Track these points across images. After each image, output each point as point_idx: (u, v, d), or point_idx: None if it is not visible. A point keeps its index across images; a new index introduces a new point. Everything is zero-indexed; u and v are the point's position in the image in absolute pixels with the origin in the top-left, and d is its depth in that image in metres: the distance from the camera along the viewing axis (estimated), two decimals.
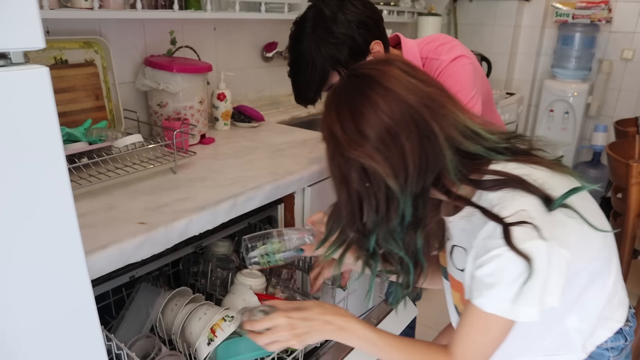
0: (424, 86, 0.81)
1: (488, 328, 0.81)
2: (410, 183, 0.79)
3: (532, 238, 0.73)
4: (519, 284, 0.74)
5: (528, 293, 0.74)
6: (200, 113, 1.63)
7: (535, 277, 0.73)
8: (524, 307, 0.76)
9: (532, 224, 0.74)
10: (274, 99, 2.19)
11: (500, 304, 0.77)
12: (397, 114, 0.78)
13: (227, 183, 1.25)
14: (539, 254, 0.73)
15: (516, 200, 0.76)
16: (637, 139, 1.97)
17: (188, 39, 1.79)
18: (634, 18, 3.50)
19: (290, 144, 1.64)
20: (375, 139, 0.79)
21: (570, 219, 0.79)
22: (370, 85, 0.80)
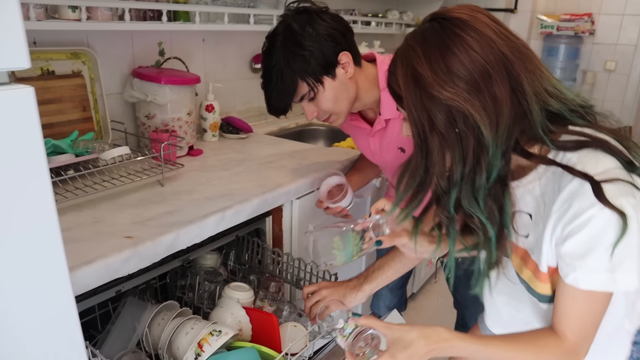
0: (514, 38, 0.77)
1: (591, 303, 0.77)
2: (502, 134, 0.74)
3: (628, 194, 0.69)
4: (619, 249, 0.69)
5: (626, 257, 0.70)
6: (188, 125, 1.62)
7: (633, 238, 0.69)
8: (623, 274, 0.71)
9: (625, 180, 0.70)
10: (262, 110, 2.18)
11: (598, 277, 0.73)
12: (491, 58, 0.73)
13: (215, 196, 1.25)
14: (637, 212, 0.69)
15: (600, 160, 0.73)
16: None
17: (176, 50, 1.79)
18: (615, 30, 3.57)
19: (278, 156, 1.64)
20: (468, 81, 0.73)
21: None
22: (462, 27, 0.75)
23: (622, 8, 3.52)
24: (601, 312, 0.79)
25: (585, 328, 0.81)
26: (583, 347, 0.82)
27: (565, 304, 0.80)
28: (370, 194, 1.77)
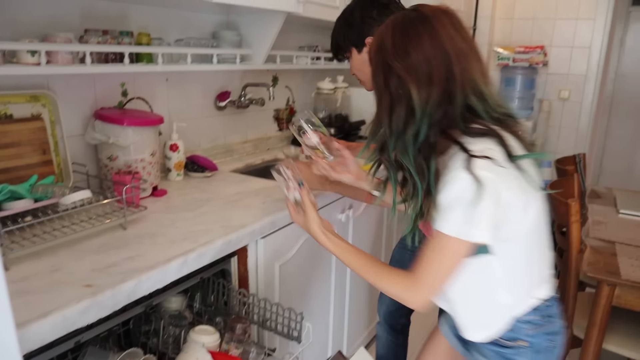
0: (462, 42, 0.97)
1: (445, 248, 0.95)
2: (429, 107, 0.95)
3: (489, 170, 0.89)
4: (473, 207, 0.89)
5: (480, 216, 0.90)
6: (152, 165, 1.62)
7: (485, 203, 0.88)
8: (475, 229, 0.91)
9: (492, 159, 0.90)
10: (227, 147, 2.20)
11: (457, 226, 0.92)
12: (436, 54, 0.95)
13: (178, 239, 1.24)
14: (489, 184, 0.89)
15: (487, 144, 0.93)
16: (575, 177, 2.09)
17: (140, 90, 1.79)
18: (566, 61, 3.76)
19: (243, 194, 1.64)
20: (414, 62, 0.95)
21: (519, 175, 0.94)
22: (423, 22, 0.97)
23: (571, 41, 3.72)
24: (452, 260, 0.96)
25: (433, 270, 0.98)
26: (426, 286, 0.99)
27: (427, 249, 0.99)
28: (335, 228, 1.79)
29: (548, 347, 1.08)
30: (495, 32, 3.95)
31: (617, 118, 4.86)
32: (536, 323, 1.07)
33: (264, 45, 2.00)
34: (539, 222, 1.03)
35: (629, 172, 4.85)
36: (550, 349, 1.09)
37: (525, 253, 1.04)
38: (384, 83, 1.00)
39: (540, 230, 1.05)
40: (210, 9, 1.93)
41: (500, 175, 0.90)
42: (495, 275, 1.04)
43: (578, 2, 3.64)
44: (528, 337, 1.07)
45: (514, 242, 1.01)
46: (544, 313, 1.08)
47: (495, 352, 1.10)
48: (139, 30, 1.72)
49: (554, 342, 1.09)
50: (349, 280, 2.00)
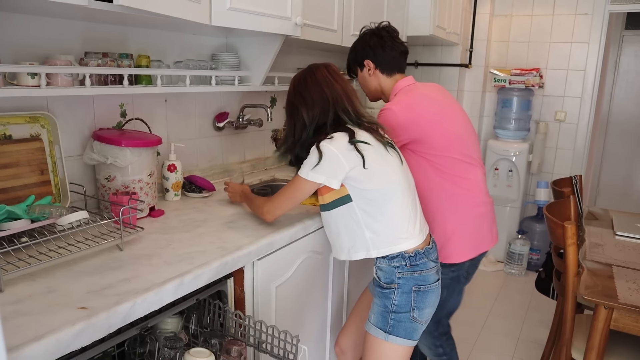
0: (335, 82, 1.51)
1: (295, 186, 1.46)
2: (313, 120, 1.48)
3: (326, 144, 1.40)
4: (317, 164, 1.40)
5: (319, 169, 1.40)
6: (149, 186, 1.62)
7: (322, 163, 1.39)
8: (317, 174, 1.40)
9: (332, 138, 1.41)
10: (225, 167, 2.21)
11: (306, 171, 1.42)
12: (316, 94, 1.49)
13: (175, 260, 1.24)
14: (326, 152, 1.39)
15: (338, 134, 1.43)
16: (572, 199, 2.09)
17: (139, 111, 1.81)
18: (562, 84, 3.80)
19: (240, 215, 1.65)
20: (305, 96, 1.50)
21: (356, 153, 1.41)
22: (309, 73, 1.54)
23: (566, 64, 3.77)
24: (297, 196, 1.48)
25: (280, 199, 1.50)
26: (271, 211, 1.51)
27: (286, 185, 1.52)
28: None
29: (416, 291, 1.44)
30: (491, 55, 4.00)
31: (612, 139, 4.90)
32: (403, 269, 1.44)
33: (262, 67, 2.02)
34: (391, 186, 1.44)
35: (626, 192, 4.87)
36: (419, 292, 1.45)
37: (381, 205, 1.43)
38: (290, 113, 1.54)
39: (396, 194, 1.45)
40: (209, 32, 1.96)
41: (336, 147, 1.39)
42: (357, 216, 1.44)
43: (572, 27, 3.70)
44: (397, 280, 1.44)
45: (365, 195, 1.42)
46: (409, 262, 1.44)
47: (380, 292, 1.47)
48: (139, 52, 1.75)
49: (422, 288, 1.45)
50: (346, 300, 1.99)
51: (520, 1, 3.85)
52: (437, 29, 3.08)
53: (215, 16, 1.59)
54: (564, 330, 1.82)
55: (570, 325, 1.80)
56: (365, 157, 1.40)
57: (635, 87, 4.73)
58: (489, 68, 3.94)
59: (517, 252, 3.66)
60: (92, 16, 1.46)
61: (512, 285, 3.56)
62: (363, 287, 2.15)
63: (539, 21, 3.81)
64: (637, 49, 4.68)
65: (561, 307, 1.78)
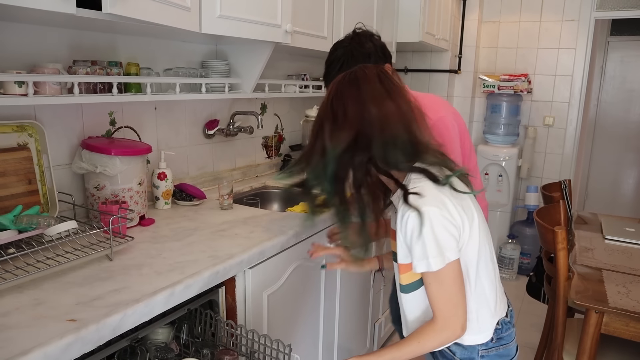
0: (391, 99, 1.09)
1: (440, 281, 1.04)
2: (335, 149, 1.07)
3: (417, 200, 1.02)
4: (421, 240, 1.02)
5: (429, 245, 1.01)
6: (139, 194, 1.61)
7: (429, 231, 1.01)
8: (448, 251, 1.02)
9: (419, 194, 1.03)
10: (216, 175, 2.20)
11: (420, 263, 1.03)
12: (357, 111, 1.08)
13: (165, 270, 1.23)
14: (426, 211, 1.01)
15: (416, 182, 1.06)
16: (561, 204, 2.11)
17: (128, 119, 1.79)
18: (550, 89, 3.84)
19: (231, 223, 1.64)
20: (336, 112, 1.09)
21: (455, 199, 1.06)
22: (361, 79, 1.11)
23: (554, 69, 3.82)
24: (455, 286, 1.04)
25: (443, 304, 1.05)
26: (451, 320, 1.05)
27: (428, 291, 1.07)
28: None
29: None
30: (480, 60, 4.03)
31: (600, 143, 4.95)
32: (488, 346, 1.15)
33: (252, 75, 2.02)
34: (485, 246, 1.13)
35: (614, 195, 4.92)
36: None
37: (476, 276, 1.12)
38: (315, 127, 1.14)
39: (486, 255, 1.14)
40: (199, 39, 1.95)
41: (434, 203, 1.03)
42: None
43: (559, 33, 3.75)
44: (481, 358, 1.15)
45: (465, 265, 1.09)
46: (496, 336, 1.16)
47: None
48: (128, 60, 1.74)
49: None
50: (338, 308, 1.99)
51: (508, 8, 3.89)
52: (427, 35, 3.10)
53: (205, 24, 1.59)
54: (555, 334, 1.83)
55: (562, 330, 1.80)
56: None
57: (622, 92, 4.80)
58: (478, 74, 3.98)
59: (508, 257, 3.68)
60: (80, 24, 1.45)
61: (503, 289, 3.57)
62: (355, 293, 2.14)
63: (527, 27, 3.85)
64: (622, 54, 4.74)
65: (552, 311, 1.78)
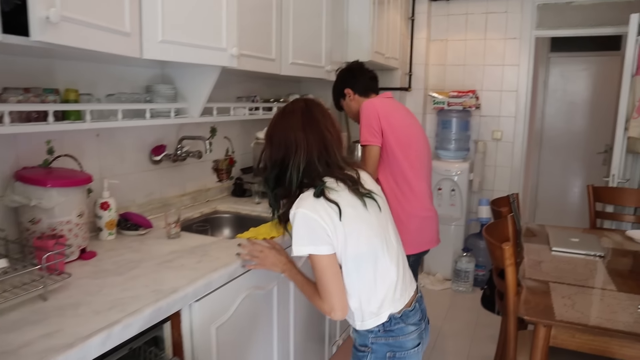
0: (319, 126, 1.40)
1: (315, 268, 1.30)
2: (275, 166, 1.39)
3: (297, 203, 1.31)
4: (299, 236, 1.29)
5: (301, 241, 1.29)
6: (79, 227, 1.53)
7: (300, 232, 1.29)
8: (303, 247, 1.28)
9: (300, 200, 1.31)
10: (165, 201, 2.13)
11: (297, 248, 1.29)
12: (291, 136, 1.38)
13: (104, 308, 1.16)
14: (298, 211, 1.28)
15: (304, 193, 1.33)
16: (509, 219, 2.16)
17: (68, 147, 1.72)
18: (497, 104, 3.97)
19: (178, 254, 1.58)
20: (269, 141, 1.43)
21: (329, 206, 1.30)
22: (304, 112, 1.41)
23: (500, 85, 3.95)
24: (321, 275, 1.30)
25: (319, 286, 1.32)
26: (325, 299, 1.31)
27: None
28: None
29: (391, 357, 1.36)
30: (430, 78, 4.13)
31: (547, 154, 5.15)
32: (376, 334, 1.36)
33: (199, 99, 1.98)
34: (365, 248, 1.33)
35: (562, 203, 5.11)
36: (394, 359, 1.36)
37: (359, 271, 1.32)
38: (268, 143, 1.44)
39: (371, 256, 1.34)
40: (144, 63, 1.90)
41: (306, 207, 1.29)
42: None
43: (503, 50, 3.89)
44: (371, 345, 1.37)
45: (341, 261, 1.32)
46: (383, 328, 1.36)
47: (354, 353, 1.43)
48: (67, 86, 1.67)
49: (397, 355, 1.36)
50: (292, 333, 1.95)
51: (454, 27, 4.02)
52: (376, 54, 3.14)
53: (146, 49, 1.55)
54: (508, 348, 1.86)
55: (514, 344, 1.83)
56: (342, 210, 1.29)
57: (564, 105, 5.01)
58: (428, 91, 4.07)
59: (464, 270, 3.74)
60: (10, 49, 1.38)
61: (460, 303, 3.61)
62: (310, 317, 2.11)
63: (473, 45, 3.98)
64: (562, 69, 4.97)
65: (504, 326, 1.81)
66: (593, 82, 4.87)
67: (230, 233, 2.22)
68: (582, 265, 2.04)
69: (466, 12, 3.97)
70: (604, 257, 2.14)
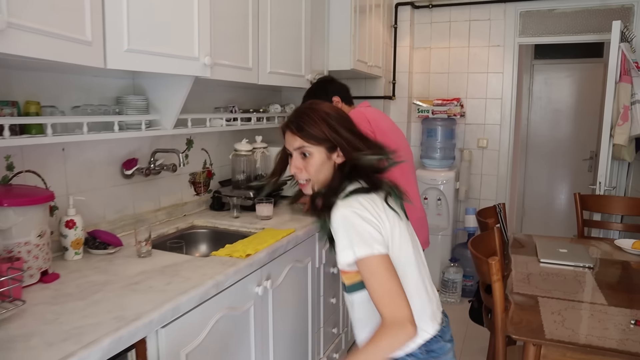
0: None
1: (373, 273, 1.13)
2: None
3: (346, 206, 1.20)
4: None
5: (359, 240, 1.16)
6: (39, 248, 1.44)
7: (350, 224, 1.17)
8: (366, 246, 1.14)
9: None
10: (138, 217, 2.03)
11: (356, 248, 1.15)
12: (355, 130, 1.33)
13: (59, 339, 1.07)
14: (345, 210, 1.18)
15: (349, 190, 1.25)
16: (496, 230, 2.10)
17: (30, 162, 1.62)
18: (482, 112, 3.94)
19: (147, 274, 1.49)
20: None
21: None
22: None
23: (484, 93, 3.92)
24: (385, 280, 1.12)
25: (382, 297, 1.11)
26: (396, 314, 1.09)
27: (367, 289, 1.16)
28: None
29: None
30: (414, 86, 4.09)
31: (532, 162, 5.12)
32: (418, 357, 1.23)
33: (172, 110, 1.90)
34: (407, 258, 1.25)
35: (549, 210, 5.08)
36: None
37: (403, 280, 1.17)
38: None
39: (414, 262, 1.27)
40: (114, 74, 1.82)
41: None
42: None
43: (487, 58, 3.86)
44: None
45: None
46: (425, 349, 1.24)
47: None
48: (28, 97, 1.57)
49: None
50: (272, 357, 1.85)
51: (437, 34, 3.98)
52: (358, 62, 3.09)
53: (110, 59, 1.46)
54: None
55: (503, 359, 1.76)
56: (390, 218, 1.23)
57: (548, 112, 5.00)
58: (412, 99, 4.02)
59: (451, 280, 3.67)
60: None
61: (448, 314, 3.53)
62: (292, 335, 2.03)
63: (456, 53, 3.95)
64: (546, 76, 4.96)
65: (493, 343, 1.74)
66: (577, 89, 4.87)
67: (207, 249, 2.13)
68: (571, 278, 1.98)
69: (449, 20, 3.94)
70: (593, 268, 2.09)
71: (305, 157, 1.28)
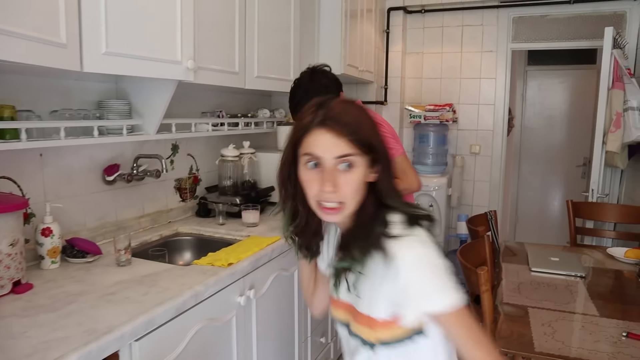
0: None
1: (463, 319, 0.92)
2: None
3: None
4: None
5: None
6: (11, 257, 1.38)
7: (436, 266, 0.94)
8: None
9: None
10: (120, 224, 1.98)
11: (454, 293, 0.92)
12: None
13: (22, 355, 1.02)
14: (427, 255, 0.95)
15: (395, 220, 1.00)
16: (486, 239, 2.06)
17: (5, 168, 1.57)
18: (474, 117, 3.91)
19: (125, 284, 1.44)
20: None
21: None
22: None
23: (477, 98, 3.90)
24: (474, 325, 0.93)
25: (477, 343, 0.93)
26: (492, 349, 0.93)
27: (453, 337, 0.96)
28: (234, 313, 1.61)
29: None
30: (406, 91, 4.06)
31: (526, 168, 5.10)
32: None
33: (155, 115, 1.85)
34: None
35: (542, 217, 5.06)
36: None
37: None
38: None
39: None
40: (94, 77, 1.77)
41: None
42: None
43: (479, 64, 3.84)
44: None
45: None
46: None
47: None
48: (2, 102, 1.52)
49: None
50: None
51: (430, 39, 3.96)
52: (349, 67, 3.05)
53: (87, 62, 1.42)
54: None
55: None
56: None
57: (541, 118, 4.99)
58: (405, 104, 3.99)
59: None
60: None
61: None
62: (276, 350, 1.98)
63: (449, 58, 3.93)
64: (539, 82, 4.95)
65: None
66: (570, 95, 4.86)
67: (190, 257, 2.08)
68: (563, 287, 1.94)
69: (442, 25, 3.92)
70: (585, 278, 2.05)
71: (346, 170, 0.94)
